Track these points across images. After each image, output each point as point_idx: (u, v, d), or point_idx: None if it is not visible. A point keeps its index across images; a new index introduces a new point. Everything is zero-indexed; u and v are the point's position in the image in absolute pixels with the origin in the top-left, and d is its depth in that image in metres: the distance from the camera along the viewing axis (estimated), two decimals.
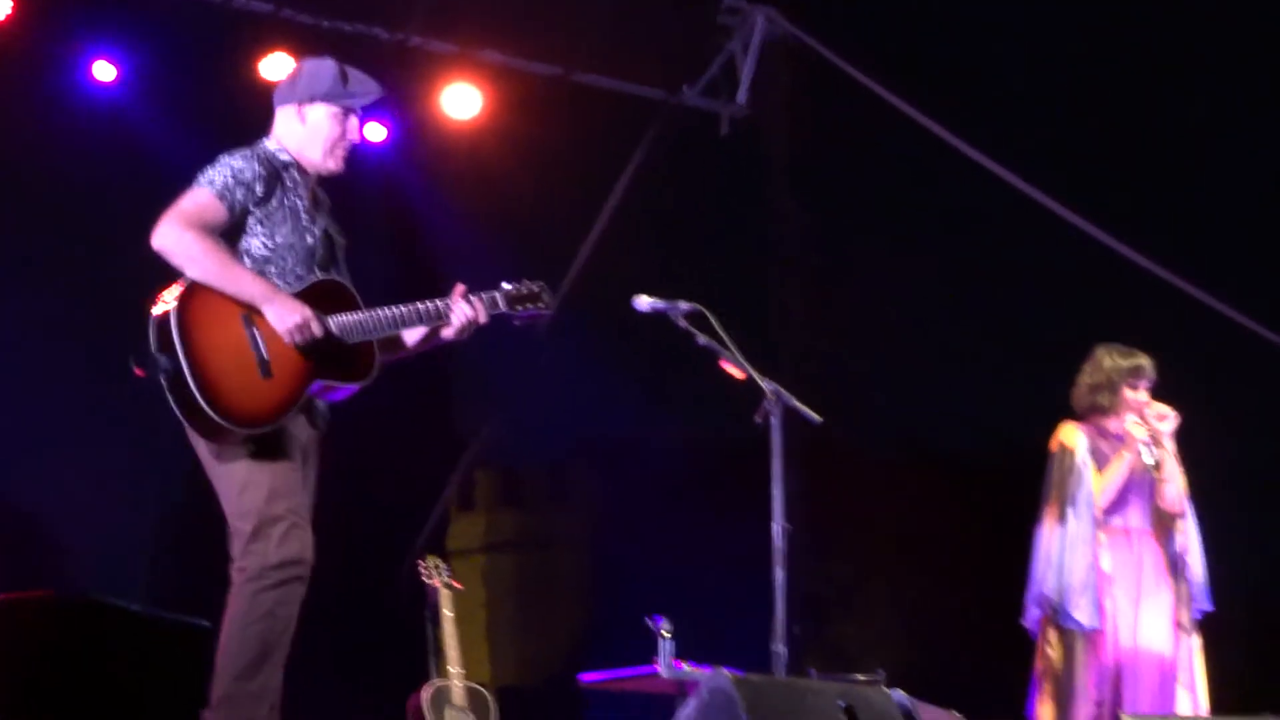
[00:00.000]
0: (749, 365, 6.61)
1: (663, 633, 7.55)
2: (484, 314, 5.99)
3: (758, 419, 6.61)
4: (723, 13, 10.95)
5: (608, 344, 10.35)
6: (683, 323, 6.59)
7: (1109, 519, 7.73)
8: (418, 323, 5.93)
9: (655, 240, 10.89)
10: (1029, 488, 7.85)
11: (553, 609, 12.85)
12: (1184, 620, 7.70)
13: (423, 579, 8.68)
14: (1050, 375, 8.14)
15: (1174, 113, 9.80)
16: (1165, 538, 7.79)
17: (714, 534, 10.34)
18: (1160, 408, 7.73)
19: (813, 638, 10.54)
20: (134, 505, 9.86)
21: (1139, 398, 7.78)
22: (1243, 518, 9.20)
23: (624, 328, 8.63)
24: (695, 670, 7.55)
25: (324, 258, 5.91)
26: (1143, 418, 7.71)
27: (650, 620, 7.60)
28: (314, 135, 5.97)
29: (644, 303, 6.62)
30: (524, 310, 6.08)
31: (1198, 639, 7.73)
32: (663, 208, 11.05)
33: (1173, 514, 7.76)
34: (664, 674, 7.55)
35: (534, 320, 6.13)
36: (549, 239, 10.82)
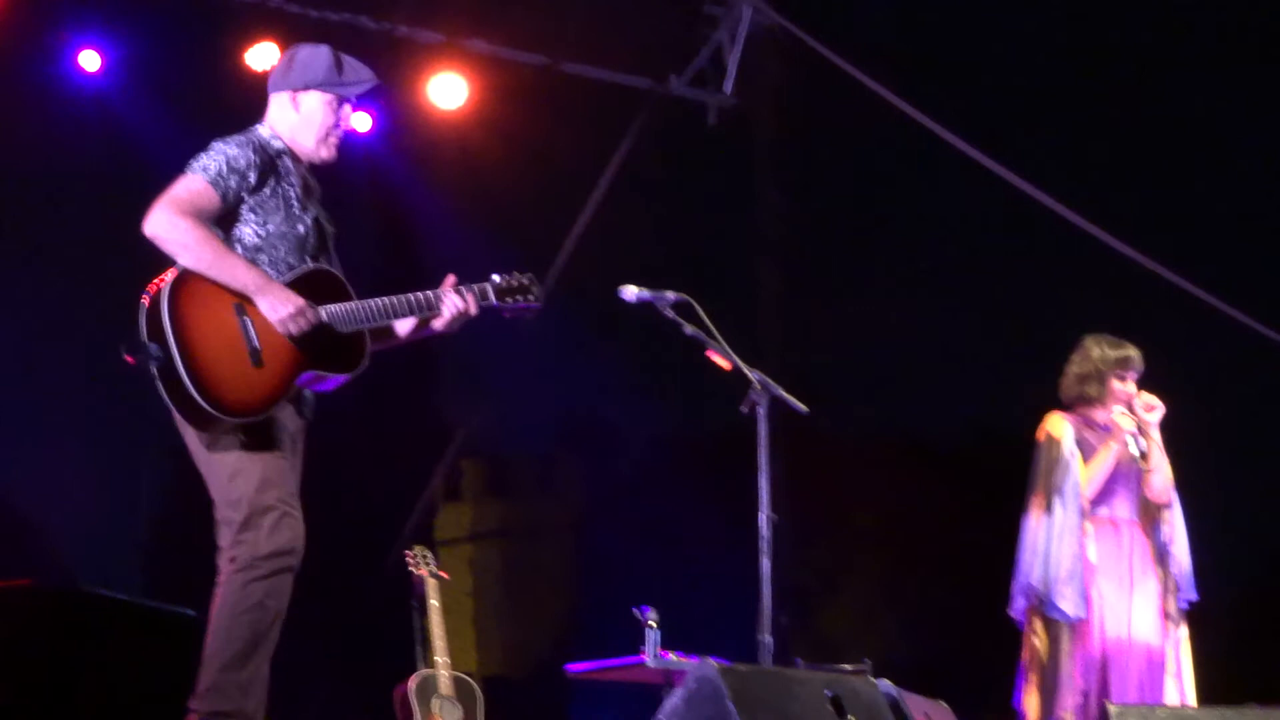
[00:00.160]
0: (735, 355, 6.60)
1: (649, 622, 7.55)
2: (474, 306, 5.94)
3: (744, 409, 6.60)
4: (709, 2, 10.94)
5: (594, 334, 10.34)
6: (669, 312, 6.57)
7: (1096, 509, 7.72)
8: (408, 313, 5.89)
9: (642, 230, 10.89)
10: (1016, 478, 7.85)
11: (539, 599, 12.85)
12: (1170, 610, 7.71)
13: (409, 569, 8.66)
14: (1037, 365, 8.14)
15: (1153, 97, 9.82)
16: (1152, 528, 7.79)
17: (700, 524, 10.36)
18: (1148, 398, 7.73)
19: (799, 627, 10.56)
20: (120, 494, 9.85)
21: (1127, 388, 7.77)
22: (1229, 507, 9.23)
23: (610, 317, 8.65)
24: (681, 660, 7.55)
25: (315, 246, 5.86)
26: (1130, 409, 7.71)
27: (637, 610, 7.60)
28: (307, 123, 5.91)
29: (631, 293, 6.60)
30: (513, 303, 6.05)
31: (1184, 629, 7.73)
32: (649, 198, 11.05)
33: (1159, 504, 7.77)
34: (650, 663, 7.55)
35: (523, 313, 6.09)
36: (535, 229, 10.82)
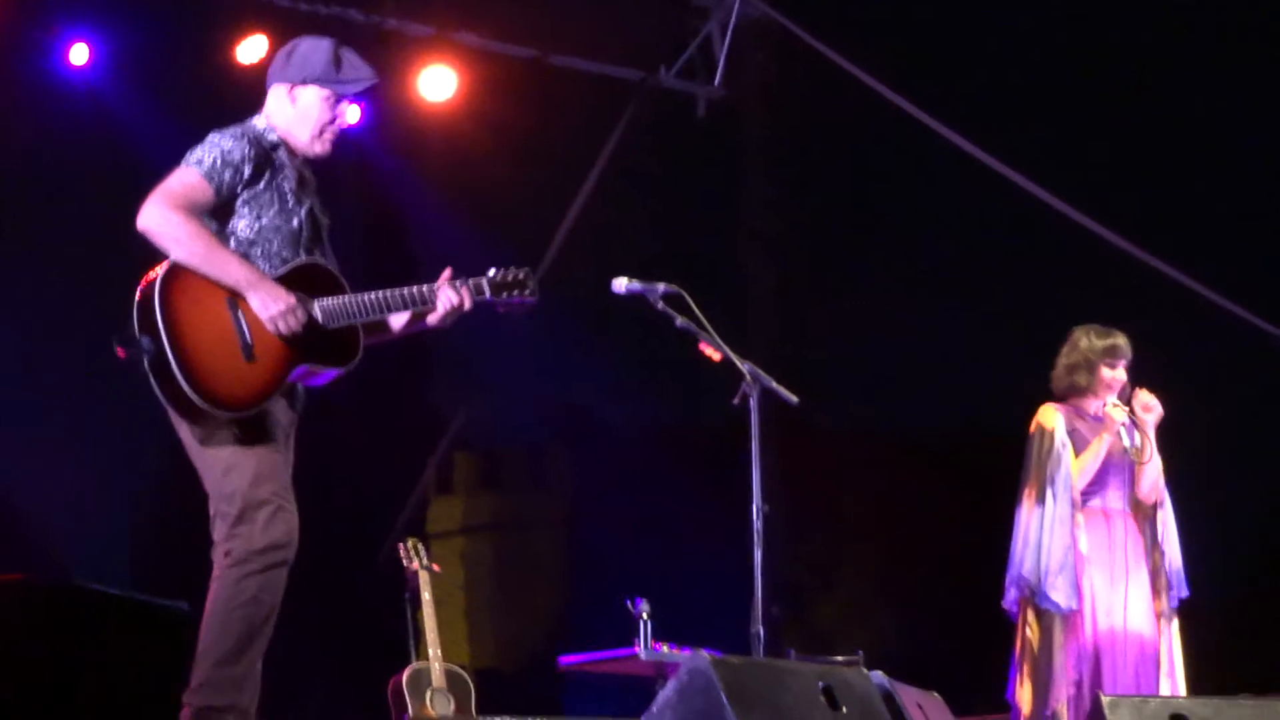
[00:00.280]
0: (726, 347, 6.60)
1: (642, 615, 7.56)
2: (469, 300, 5.88)
3: (736, 401, 6.61)
4: None
5: (586, 327, 10.33)
6: (661, 304, 6.56)
7: (1087, 500, 7.74)
8: (402, 307, 5.84)
9: (632, 223, 10.88)
10: (1010, 472, 7.86)
11: (532, 591, 12.85)
12: (1162, 608, 7.73)
13: (402, 562, 8.66)
14: (1033, 360, 8.15)
15: (1153, 97, 9.82)
16: (1144, 519, 7.81)
17: (693, 516, 10.36)
18: (1147, 398, 7.75)
19: (792, 619, 10.58)
20: (115, 489, 9.84)
21: (1117, 376, 7.80)
22: (1227, 504, 9.25)
23: (602, 310, 8.65)
24: (674, 652, 7.56)
25: (309, 239, 5.82)
26: (1127, 403, 7.72)
27: (629, 602, 7.61)
28: (303, 117, 5.85)
29: (622, 285, 6.58)
30: (509, 298, 5.98)
31: (1176, 625, 7.75)
32: (640, 190, 11.05)
33: (1150, 502, 7.79)
34: (643, 656, 7.56)
35: (518, 308, 6.03)
36: (525, 221, 10.81)
